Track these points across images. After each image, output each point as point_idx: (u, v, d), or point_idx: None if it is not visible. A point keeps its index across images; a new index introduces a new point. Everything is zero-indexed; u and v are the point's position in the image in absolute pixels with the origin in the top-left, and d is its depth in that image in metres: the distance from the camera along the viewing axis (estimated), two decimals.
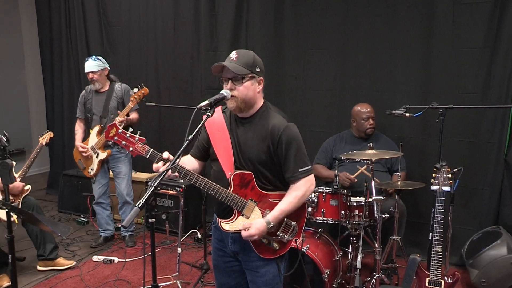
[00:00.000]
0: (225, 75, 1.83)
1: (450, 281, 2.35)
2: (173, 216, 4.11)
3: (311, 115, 4.07)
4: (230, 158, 1.87)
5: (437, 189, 2.41)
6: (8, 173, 2.12)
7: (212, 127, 1.92)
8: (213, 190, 1.83)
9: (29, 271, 3.45)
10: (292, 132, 1.84)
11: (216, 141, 1.91)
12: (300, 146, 1.86)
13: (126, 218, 1.54)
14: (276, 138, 1.82)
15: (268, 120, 1.86)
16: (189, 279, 3.30)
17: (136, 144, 1.81)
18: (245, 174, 1.86)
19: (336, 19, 3.85)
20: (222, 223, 1.89)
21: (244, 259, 1.97)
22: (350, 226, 2.98)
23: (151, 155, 1.80)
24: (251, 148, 1.86)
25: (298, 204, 1.87)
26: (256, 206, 1.88)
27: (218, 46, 4.38)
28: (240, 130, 1.90)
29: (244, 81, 1.80)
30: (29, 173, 3.45)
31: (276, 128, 1.83)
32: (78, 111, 3.95)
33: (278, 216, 1.84)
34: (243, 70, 1.79)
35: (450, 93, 3.48)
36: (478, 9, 3.33)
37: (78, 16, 5.23)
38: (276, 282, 1.97)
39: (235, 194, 1.85)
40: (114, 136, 1.80)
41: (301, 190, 1.86)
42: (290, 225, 1.91)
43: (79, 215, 4.68)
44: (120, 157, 3.88)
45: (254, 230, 1.80)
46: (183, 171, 1.79)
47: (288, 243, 1.93)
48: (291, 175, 1.85)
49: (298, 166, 1.84)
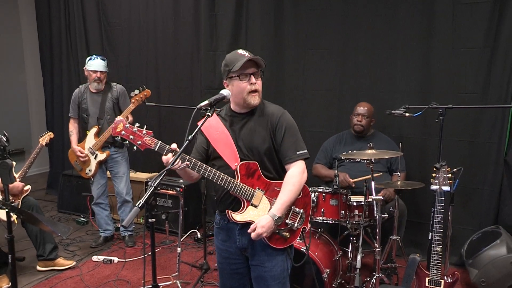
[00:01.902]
0: (247, 70, 1.85)
1: (450, 281, 2.35)
2: (173, 216, 4.11)
3: (311, 115, 4.07)
4: (234, 151, 1.89)
5: (437, 189, 2.41)
6: (8, 173, 2.13)
7: (210, 130, 1.95)
8: (222, 180, 1.84)
9: (28, 271, 3.45)
10: (288, 117, 1.95)
11: (216, 140, 1.93)
12: (297, 130, 1.95)
13: (126, 218, 1.54)
14: (275, 122, 1.90)
15: (266, 109, 1.95)
16: (189, 279, 3.30)
17: (144, 137, 1.81)
18: (250, 163, 1.88)
19: (336, 19, 3.85)
20: (232, 214, 1.90)
21: (252, 253, 1.97)
22: (350, 226, 2.98)
23: (160, 147, 1.81)
24: (253, 137, 1.90)
25: (297, 191, 1.90)
26: (264, 195, 1.90)
27: (218, 46, 4.38)
28: (240, 125, 1.93)
29: (260, 76, 1.90)
30: (29, 173, 3.45)
31: (275, 113, 1.92)
32: (71, 110, 3.90)
33: (281, 207, 1.86)
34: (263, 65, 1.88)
35: (450, 93, 3.48)
36: (478, 9, 3.34)
37: (77, 16, 5.23)
38: (284, 276, 1.98)
39: (243, 184, 1.86)
40: (122, 131, 1.81)
41: (296, 178, 1.89)
42: (298, 213, 1.94)
43: (78, 215, 4.69)
44: (118, 157, 3.87)
45: (260, 229, 1.82)
46: (192, 162, 1.81)
47: (297, 231, 1.95)
48: (289, 157, 1.89)
49: (296, 149, 1.90)
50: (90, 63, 3.72)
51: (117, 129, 1.81)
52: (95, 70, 3.70)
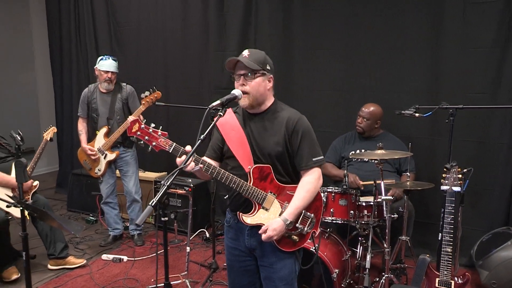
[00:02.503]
0: (238, 71, 1.87)
1: (461, 282, 2.34)
2: (181, 215, 4.13)
3: (318, 115, 4.06)
4: (248, 153, 1.89)
5: (447, 189, 2.40)
6: (22, 172, 2.15)
7: (226, 127, 1.95)
8: (234, 183, 1.85)
9: (39, 269, 3.49)
10: (306, 123, 1.93)
11: (231, 139, 1.93)
12: (313, 136, 1.94)
13: (140, 217, 1.55)
14: (291, 128, 1.88)
15: (282, 112, 1.93)
16: (197, 278, 3.32)
17: (159, 138, 1.82)
18: (263, 167, 1.89)
19: (345, 19, 3.85)
20: (243, 216, 1.91)
21: (260, 254, 1.98)
22: (358, 226, 2.97)
23: (174, 149, 1.81)
24: (266, 140, 1.89)
25: (310, 198, 1.90)
26: (276, 199, 1.90)
27: (227, 46, 4.39)
28: (253, 126, 1.93)
29: (255, 77, 1.85)
30: (39, 172, 3.49)
31: (291, 119, 1.90)
32: (80, 109, 3.91)
33: (293, 212, 1.87)
34: (255, 66, 1.84)
35: (459, 93, 3.46)
36: (488, 8, 3.32)
37: (87, 16, 5.28)
38: (291, 278, 1.98)
39: (255, 187, 1.87)
40: (137, 132, 1.80)
41: (312, 184, 1.89)
42: (309, 217, 1.94)
43: (88, 214, 4.72)
44: (127, 157, 3.89)
45: (271, 232, 1.82)
46: (205, 164, 1.81)
47: (307, 235, 1.95)
48: (305, 164, 1.89)
49: (312, 156, 1.89)
50: (101, 63, 3.73)
51: (132, 129, 1.80)
52: (107, 71, 3.71)
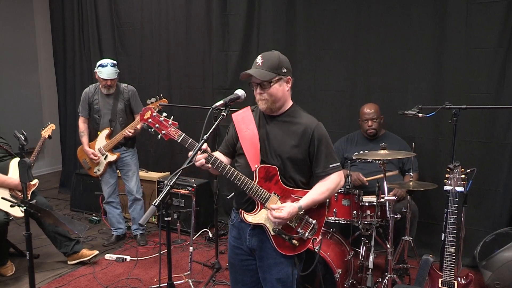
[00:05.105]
0: (253, 80, 1.89)
1: (464, 282, 2.34)
2: (184, 215, 4.13)
3: (322, 115, 4.03)
4: (257, 152, 1.91)
5: (450, 189, 2.40)
6: (26, 171, 2.16)
7: (241, 125, 1.98)
8: (239, 180, 1.86)
9: (42, 269, 3.50)
10: (323, 130, 1.94)
11: (244, 137, 1.95)
12: (330, 143, 1.95)
13: (143, 217, 1.56)
14: (308, 135, 1.90)
15: (299, 119, 1.95)
16: (200, 278, 3.32)
17: (169, 127, 1.86)
18: (270, 168, 1.90)
19: (348, 20, 3.85)
20: (245, 215, 1.92)
21: (260, 255, 1.99)
22: (361, 226, 2.97)
23: (183, 139, 1.85)
24: (280, 142, 1.91)
25: (328, 196, 1.93)
26: (279, 200, 1.90)
27: (230, 46, 4.40)
28: (269, 127, 1.95)
29: (271, 85, 1.87)
30: (42, 172, 3.50)
31: (309, 126, 1.92)
32: (81, 109, 3.88)
33: (309, 204, 1.88)
34: (269, 75, 1.85)
35: (463, 94, 3.45)
36: (492, 8, 3.31)
37: (90, 17, 5.30)
38: (290, 281, 1.98)
39: (260, 186, 1.88)
40: (149, 119, 1.86)
41: (333, 183, 1.91)
42: (311, 223, 1.94)
43: (91, 213, 4.74)
44: (128, 156, 3.90)
45: (285, 214, 1.83)
46: (211, 158, 1.83)
47: (307, 241, 1.95)
48: (322, 171, 1.91)
49: (328, 162, 1.91)
50: (100, 69, 3.66)
51: (144, 116, 1.86)
52: (107, 79, 3.67)
